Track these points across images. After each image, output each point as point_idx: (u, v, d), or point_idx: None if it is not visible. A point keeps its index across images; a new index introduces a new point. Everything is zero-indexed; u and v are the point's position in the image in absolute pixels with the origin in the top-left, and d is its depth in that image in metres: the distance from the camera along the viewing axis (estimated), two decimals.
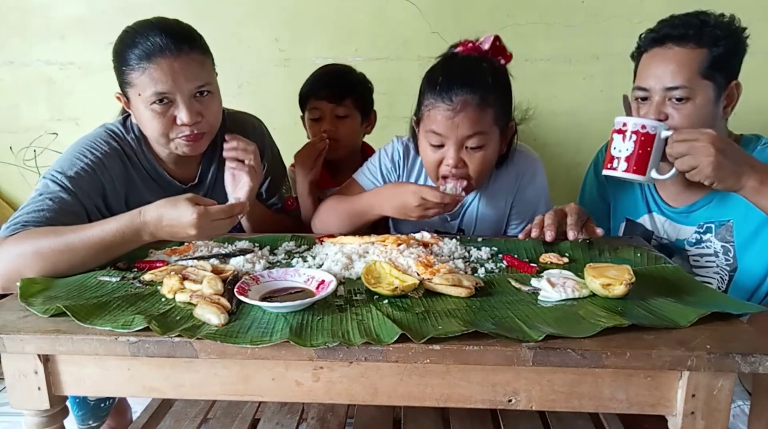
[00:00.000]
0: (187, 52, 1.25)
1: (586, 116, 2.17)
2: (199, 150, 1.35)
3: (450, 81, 1.28)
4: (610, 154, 1.26)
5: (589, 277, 0.96)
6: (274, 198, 1.56)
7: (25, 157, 2.36)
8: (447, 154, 1.31)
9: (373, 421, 1.41)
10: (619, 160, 1.24)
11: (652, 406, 0.84)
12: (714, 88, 1.24)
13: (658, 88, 1.27)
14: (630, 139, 1.22)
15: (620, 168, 1.25)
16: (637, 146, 1.22)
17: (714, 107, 1.26)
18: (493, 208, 1.47)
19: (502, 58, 1.37)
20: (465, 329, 0.82)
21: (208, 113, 1.30)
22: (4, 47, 2.25)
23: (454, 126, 1.27)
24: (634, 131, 1.22)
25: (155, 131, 1.28)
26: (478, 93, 1.26)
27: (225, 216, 1.10)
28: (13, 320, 0.89)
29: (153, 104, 1.25)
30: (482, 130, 1.28)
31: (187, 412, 1.44)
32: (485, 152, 1.31)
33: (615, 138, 1.25)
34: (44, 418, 0.92)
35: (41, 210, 1.16)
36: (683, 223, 1.39)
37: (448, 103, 1.27)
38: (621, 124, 1.25)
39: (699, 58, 1.23)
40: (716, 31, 1.23)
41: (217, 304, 0.89)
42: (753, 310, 0.93)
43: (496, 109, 1.29)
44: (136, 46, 1.24)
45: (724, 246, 1.34)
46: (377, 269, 1.05)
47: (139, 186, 1.37)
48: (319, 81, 1.77)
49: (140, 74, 1.23)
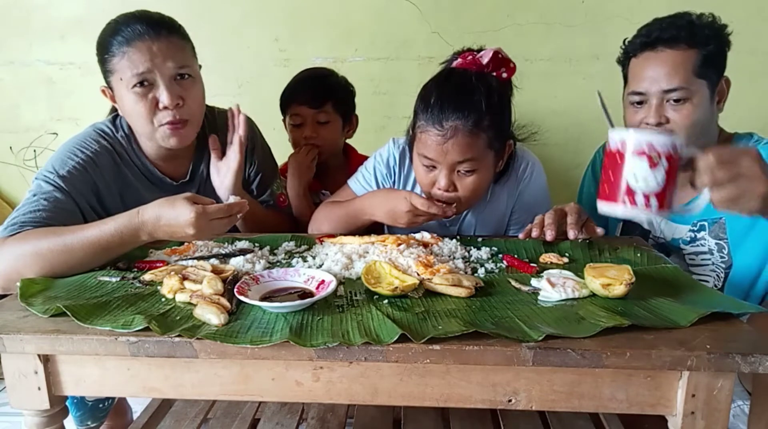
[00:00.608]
0: (166, 35, 1.27)
1: (586, 116, 2.16)
2: (184, 142, 1.34)
3: (442, 106, 1.24)
4: (624, 185, 0.89)
5: (589, 277, 0.96)
6: (265, 194, 1.56)
7: (25, 157, 2.36)
8: (439, 178, 1.28)
9: (373, 421, 1.41)
10: (647, 197, 0.88)
11: (652, 406, 0.84)
12: (708, 86, 1.27)
13: (655, 91, 1.27)
14: (662, 167, 0.86)
15: (652, 206, 0.89)
16: (670, 175, 0.88)
17: (710, 105, 1.28)
18: (493, 212, 1.46)
19: (505, 71, 1.31)
20: (465, 329, 0.82)
21: (189, 97, 1.30)
22: (4, 47, 2.25)
23: (444, 152, 1.24)
24: (668, 156, 0.86)
25: (139, 116, 1.28)
26: (471, 119, 1.22)
27: (223, 215, 1.10)
28: (13, 320, 0.89)
29: (134, 87, 1.26)
30: (473, 156, 1.25)
31: (187, 412, 1.44)
32: (477, 176, 1.28)
33: (633, 163, 0.88)
34: (44, 418, 0.92)
35: (37, 210, 1.16)
36: (678, 221, 1.40)
37: (439, 128, 1.23)
38: (646, 145, 0.86)
39: (692, 58, 1.25)
40: (704, 31, 1.26)
41: (217, 304, 0.89)
42: (753, 311, 0.93)
43: (490, 133, 1.25)
44: (118, 33, 1.26)
45: (718, 243, 1.35)
46: (377, 269, 1.05)
47: (133, 183, 1.37)
48: (299, 86, 1.77)
49: (121, 58, 1.25)
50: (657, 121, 1.28)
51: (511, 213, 1.47)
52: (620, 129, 0.92)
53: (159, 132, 1.30)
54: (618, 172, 0.89)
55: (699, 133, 1.27)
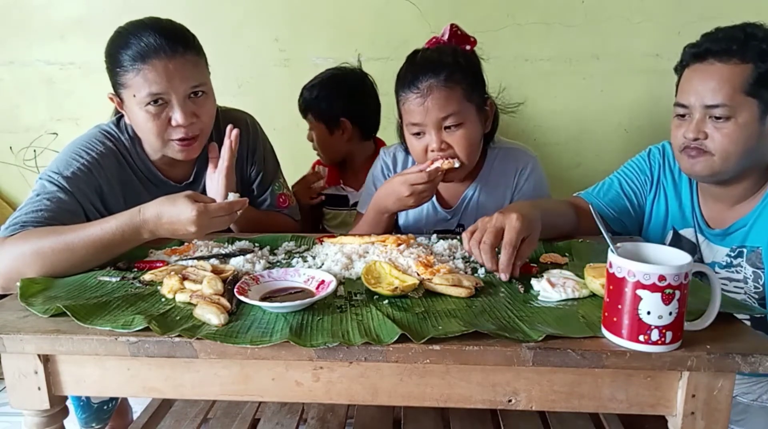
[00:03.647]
0: (182, 53, 1.26)
1: (585, 116, 2.17)
2: (193, 156, 1.36)
3: (414, 71, 1.36)
4: (632, 316, 0.79)
5: (589, 277, 0.96)
6: (265, 193, 1.56)
7: (25, 157, 2.36)
8: (430, 140, 1.36)
9: (373, 421, 1.41)
10: (662, 333, 0.78)
11: (652, 406, 0.84)
12: (760, 106, 1.19)
13: (698, 106, 1.22)
14: (676, 298, 0.76)
15: (666, 342, 0.78)
16: (682, 303, 0.78)
17: (759, 125, 1.20)
18: (493, 203, 1.49)
19: (467, 44, 1.41)
20: (465, 329, 0.82)
21: (202, 113, 1.31)
22: (4, 47, 2.25)
23: (425, 110, 1.33)
24: (679, 286, 0.76)
25: (150, 133, 1.28)
26: (442, 74, 1.32)
27: (224, 213, 1.10)
28: (13, 320, 0.89)
29: (148, 105, 1.25)
30: (454, 110, 1.33)
31: (187, 412, 1.44)
32: (465, 129, 1.35)
33: (643, 297, 0.77)
34: (44, 418, 0.92)
35: (39, 210, 1.16)
36: (718, 244, 1.34)
37: (416, 91, 1.33)
38: (657, 277, 0.76)
39: (743, 74, 1.18)
40: (764, 46, 1.18)
41: (217, 304, 0.89)
42: (753, 311, 0.93)
43: (464, 85, 1.34)
44: (129, 47, 1.24)
45: (755, 272, 1.28)
46: (377, 269, 1.05)
47: (136, 185, 1.37)
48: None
49: (135, 75, 1.24)
50: (695, 136, 1.23)
51: (510, 202, 1.50)
52: (623, 257, 0.80)
53: (169, 146, 1.31)
54: (624, 303, 0.79)
55: (742, 155, 1.22)
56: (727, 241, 1.33)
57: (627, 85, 2.12)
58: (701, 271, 0.83)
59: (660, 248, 0.86)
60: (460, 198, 1.51)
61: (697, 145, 1.24)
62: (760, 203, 1.28)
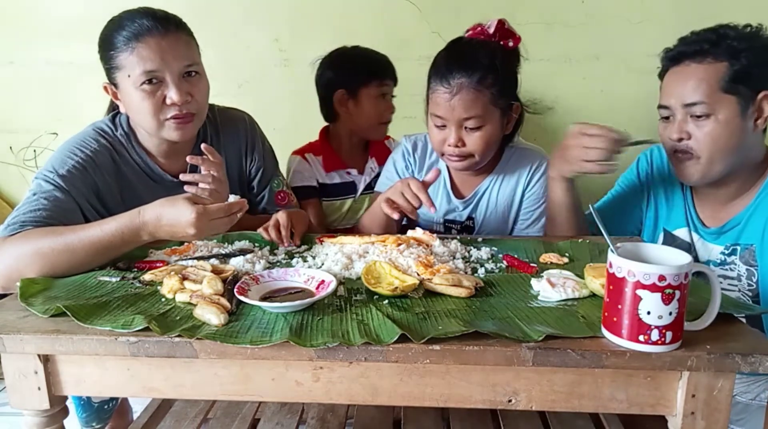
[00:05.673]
0: (174, 31, 1.28)
1: (586, 116, 2.16)
2: (188, 135, 1.35)
3: (449, 65, 1.37)
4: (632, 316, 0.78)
5: (589, 277, 0.97)
6: (264, 190, 1.56)
7: (25, 157, 2.36)
8: (448, 136, 1.40)
9: (373, 421, 1.41)
10: (662, 333, 0.78)
11: (652, 406, 0.84)
12: (739, 102, 1.21)
13: (678, 106, 1.25)
14: (676, 298, 0.77)
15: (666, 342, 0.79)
16: (682, 303, 0.78)
17: (741, 121, 1.22)
18: (504, 198, 1.53)
19: (511, 41, 1.42)
20: (465, 329, 0.82)
21: (196, 93, 1.31)
22: (4, 47, 2.24)
23: (451, 108, 1.36)
24: (678, 286, 0.77)
25: (146, 113, 1.28)
26: (475, 76, 1.34)
27: (224, 215, 1.10)
28: (13, 320, 0.89)
29: (143, 85, 1.26)
30: (478, 113, 1.36)
31: (187, 412, 1.44)
32: (484, 132, 1.38)
33: (643, 297, 0.77)
34: (44, 418, 0.92)
35: (37, 209, 1.16)
36: (713, 242, 1.36)
37: (446, 86, 1.35)
38: (657, 277, 0.76)
39: (718, 72, 1.20)
40: (735, 44, 1.20)
41: (217, 304, 0.89)
42: (753, 311, 0.93)
43: (494, 90, 1.36)
44: (123, 28, 1.26)
45: (748, 269, 1.30)
46: (377, 269, 1.05)
47: (132, 182, 1.37)
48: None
49: (129, 54, 1.25)
50: (678, 137, 1.26)
51: (520, 203, 1.53)
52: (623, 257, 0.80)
53: (165, 126, 1.31)
54: (624, 303, 0.79)
55: (727, 154, 1.23)
56: (721, 239, 1.34)
57: (627, 85, 2.12)
58: (701, 271, 0.83)
59: (660, 248, 0.87)
60: (474, 190, 1.54)
61: (683, 147, 1.26)
62: (753, 201, 1.30)
